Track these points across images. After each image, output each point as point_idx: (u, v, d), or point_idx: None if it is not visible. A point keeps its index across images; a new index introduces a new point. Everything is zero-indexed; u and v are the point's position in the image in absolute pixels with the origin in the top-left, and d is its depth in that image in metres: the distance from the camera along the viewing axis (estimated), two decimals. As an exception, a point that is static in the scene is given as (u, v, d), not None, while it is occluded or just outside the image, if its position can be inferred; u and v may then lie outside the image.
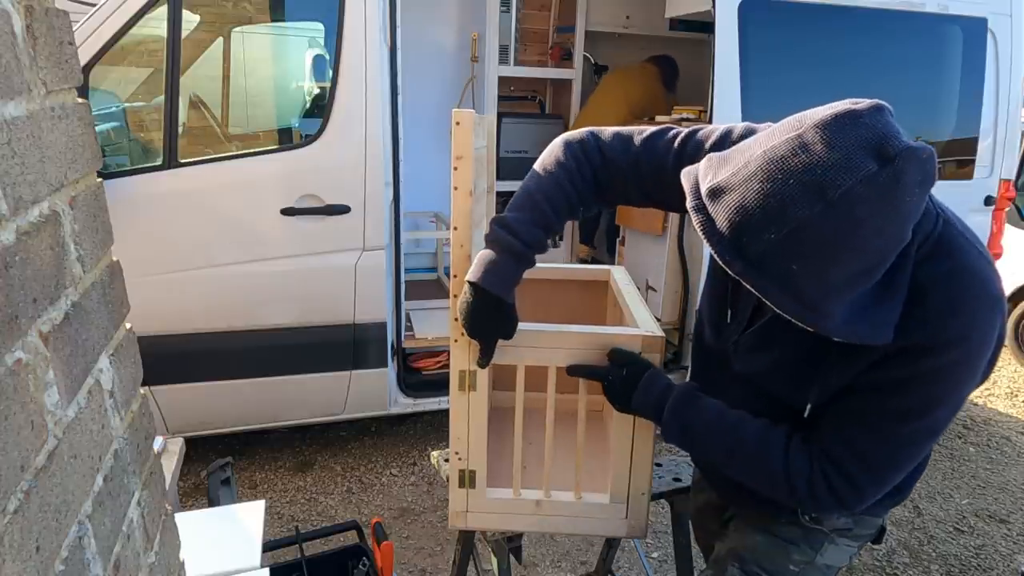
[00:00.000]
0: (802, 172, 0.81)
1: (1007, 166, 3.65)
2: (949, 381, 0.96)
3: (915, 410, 0.97)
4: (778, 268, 0.84)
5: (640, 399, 1.16)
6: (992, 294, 0.96)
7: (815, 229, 0.80)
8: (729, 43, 3.04)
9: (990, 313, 0.95)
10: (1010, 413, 4.09)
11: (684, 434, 1.14)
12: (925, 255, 0.95)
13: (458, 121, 1.14)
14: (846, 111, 0.84)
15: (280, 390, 2.88)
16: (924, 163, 0.82)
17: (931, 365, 0.94)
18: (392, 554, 1.77)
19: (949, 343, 0.94)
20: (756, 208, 0.83)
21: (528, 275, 1.78)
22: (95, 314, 0.64)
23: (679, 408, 1.14)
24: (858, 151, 0.80)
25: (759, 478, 1.10)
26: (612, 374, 1.19)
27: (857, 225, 0.80)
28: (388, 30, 2.77)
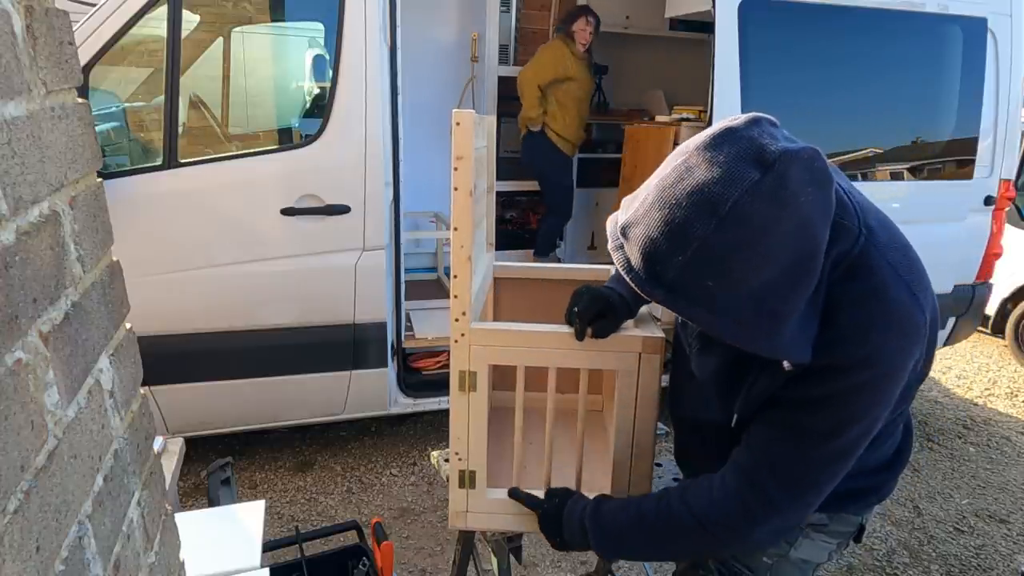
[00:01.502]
0: (691, 193, 0.83)
1: (1007, 166, 3.65)
2: (860, 403, 0.96)
3: (828, 430, 0.97)
4: (696, 289, 0.86)
5: (567, 523, 1.20)
6: (901, 318, 0.94)
7: (717, 244, 0.82)
8: (729, 43, 3.04)
9: (898, 339, 0.94)
10: (1010, 413, 4.09)
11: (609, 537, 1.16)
12: (841, 275, 0.95)
13: (458, 122, 1.14)
14: (722, 128, 0.87)
15: (280, 390, 2.88)
16: (807, 163, 0.84)
17: (842, 386, 0.95)
18: (392, 554, 1.77)
19: (855, 366, 0.94)
20: (660, 236, 0.86)
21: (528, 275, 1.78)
22: (95, 314, 0.64)
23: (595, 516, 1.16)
24: (738, 163, 0.83)
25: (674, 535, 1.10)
26: (545, 505, 1.24)
27: (757, 232, 0.82)
28: (388, 30, 2.77)
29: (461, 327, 1.23)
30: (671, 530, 1.09)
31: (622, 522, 1.14)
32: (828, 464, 1.00)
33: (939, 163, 3.56)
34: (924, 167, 3.55)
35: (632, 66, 5.15)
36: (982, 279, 3.76)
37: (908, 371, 0.97)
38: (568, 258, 4.87)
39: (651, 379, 1.25)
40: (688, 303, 0.88)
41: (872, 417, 0.98)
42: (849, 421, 0.97)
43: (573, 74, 4.06)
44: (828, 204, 0.88)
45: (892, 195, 3.53)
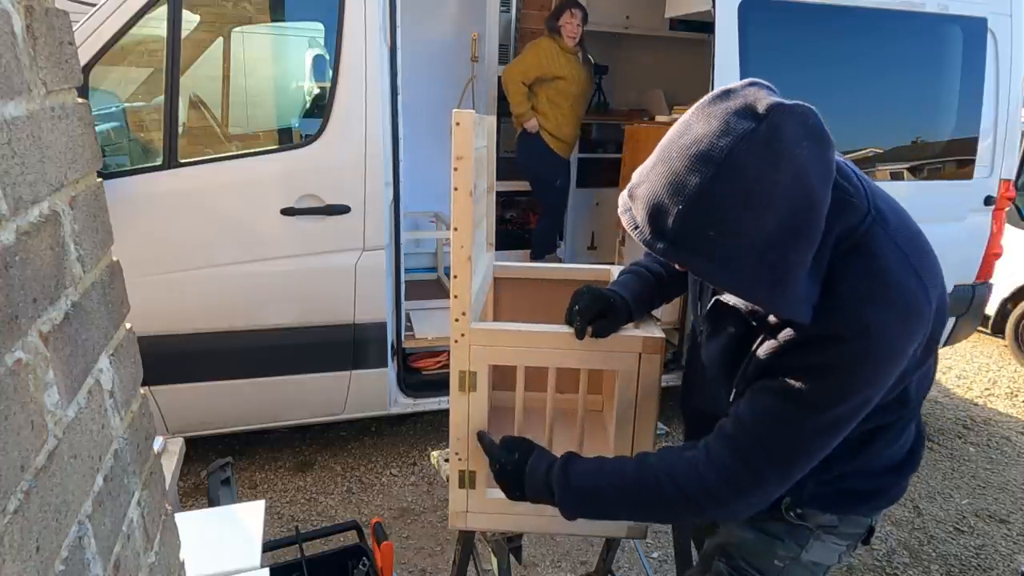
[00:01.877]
0: (689, 146, 0.87)
1: (1007, 166, 3.64)
2: (856, 377, 0.95)
3: (821, 402, 0.97)
4: (697, 239, 0.88)
5: (530, 478, 1.17)
6: (903, 300, 0.94)
7: (715, 193, 0.85)
8: (729, 43, 3.04)
9: (899, 320, 0.94)
10: (1010, 413, 4.09)
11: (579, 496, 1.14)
12: (845, 250, 0.96)
13: (458, 122, 1.14)
14: (720, 89, 0.92)
15: (280, 390, 2.88)
16: (801, 117, 0.87)
17: (839, 357, 0.94)
18: (392, 554, 1.77)
19: (853, 338, 0.93)
20: (661, 190, 0.89)
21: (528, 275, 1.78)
22: (95, 314, 0.64)
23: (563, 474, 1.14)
24: (733, 116, 0.86)
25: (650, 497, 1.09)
26: (504, 459, 1.20)
27: (753, 181, 0.85)
28: (388, 30, 2.77)
29: (461, 327, 1.23)
30: (650, 497, 1.08)
31: (595, 485, 1.12)
32: (817, 438, 1.00)
33: (939, 163, 3.56)
34: (924, 167, 3.55)
35: (632, 66, 5.15)
36: (982, 279, 3.76)
37: (907, 355, 0.96)
38: (568, 258, 4.87)
39: (651, 379, 1.25)
40: (690, 254, 0.90)
41: (865, 396, 0.97)
42: (842, 396, 0.96)
43: (561, 72, 4.00)
44: (826, 163, 0.89)
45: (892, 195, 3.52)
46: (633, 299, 1.31)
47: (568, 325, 1.26)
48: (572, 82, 4.04)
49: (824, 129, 0.89)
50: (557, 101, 4.08)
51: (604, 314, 1.25)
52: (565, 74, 4.01)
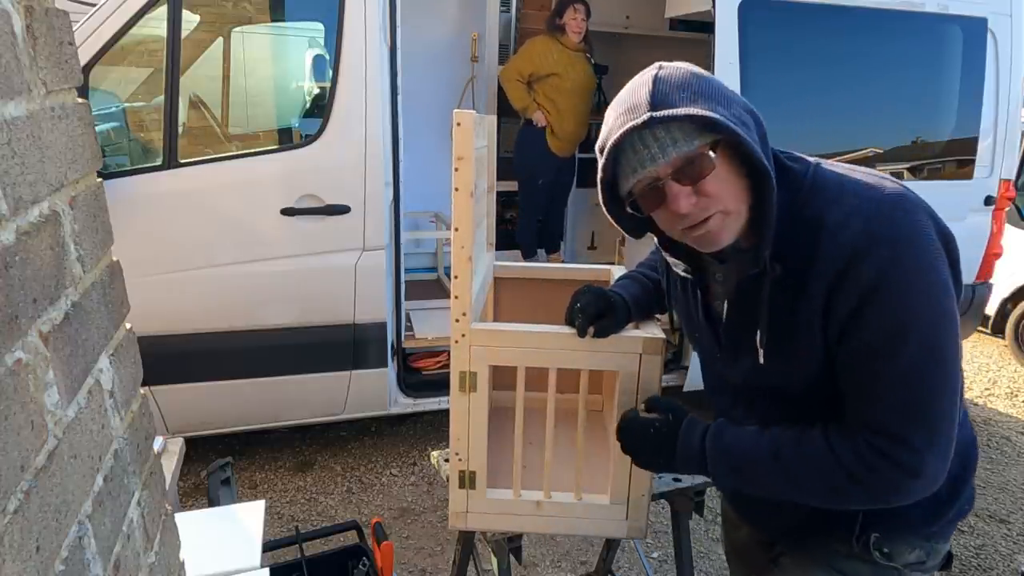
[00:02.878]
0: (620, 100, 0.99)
1: (1007, 166, 3.65)
2: (902, 286, 0.91)
3: (895, 333, 0.92)
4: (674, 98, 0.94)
5: (683, 445, 1.10)
6: (881, 192, 0.95)
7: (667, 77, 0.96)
8: (729, 43, 3.04)
9: (892, 209, 0.93)
10: (1010, 413, 4.09)
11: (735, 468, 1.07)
12: (805, 198, 0.98)
13: (459, 122, 1.14)
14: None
15: (280, 390, 2.88)
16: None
17: (869, 279, 0.91)
18: (392, 554, 1.77)
19: (866, 248, 0.91)
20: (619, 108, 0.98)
21: (528, 275, 1.78)
22: (95, 314, 0.64)
23: (716, 439, 1.08)
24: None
25: (815, 485, 1.01)
26: (657, 420, 1.13)
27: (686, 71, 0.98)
28: (388, 30, 2.77)
29: (461, 328, 1.23)
30: (813, 475, 1.00)
31: (750, 450, 1.05)
32: (924, 374, 0.93)
33: (939, 163, 3.56)
34: (924, 167, 3.55)
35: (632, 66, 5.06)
36: (982, 279, 3.76)
37: (935, 243, 0.93)
38: (568, 258, 4.87)
39: (651, 379, 1.25)
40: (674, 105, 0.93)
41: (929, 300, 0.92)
42: (907, 310, 0.91)
43: (556, 68, 3.98)
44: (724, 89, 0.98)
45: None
46: (633, 302, 1.30)
47: (569, 324, 1.26)
48: (568, 79, 4.03)
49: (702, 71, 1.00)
50: (553, 98, 4.07)
51: (604, 314, 1.24)
52: (560, 71, 4.00)
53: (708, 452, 1.08)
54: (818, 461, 0.99)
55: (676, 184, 0.94)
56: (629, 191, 1.00)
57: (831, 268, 0.94)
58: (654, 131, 0.93)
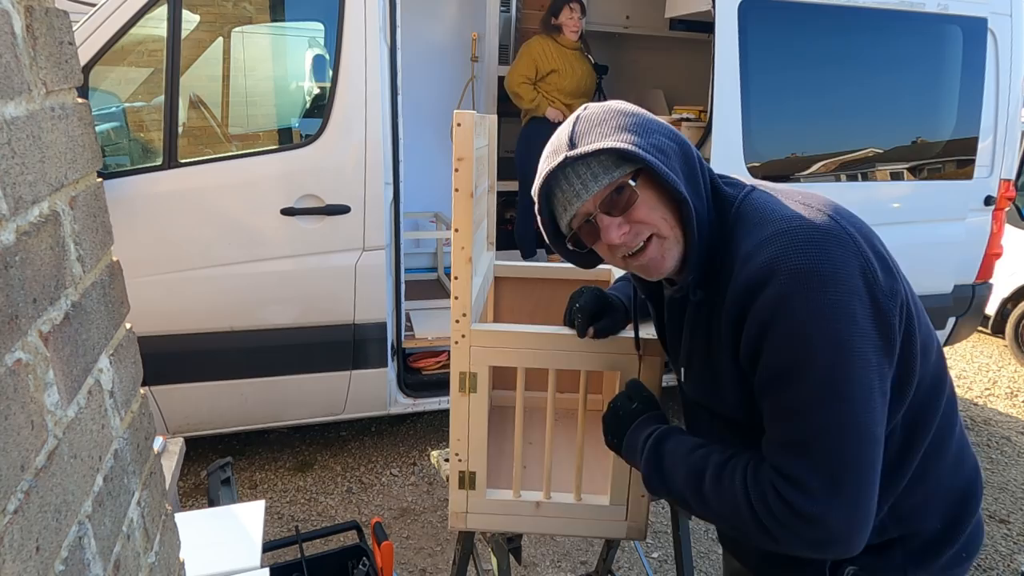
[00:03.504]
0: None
1: (1007, 166, 3.65)
2: (798, 320, 0.87)
3: (789, 367, 0.89)
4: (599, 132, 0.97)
5: (631, 436, 1.13)
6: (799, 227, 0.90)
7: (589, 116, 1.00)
8: (729, 43, 3.04)
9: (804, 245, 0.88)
10: (1010, 413, 4.09)
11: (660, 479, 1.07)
12: (732, 224, 0.99)
13: (459, 123, 1.14)
14: None
15: (280, 390, 2.88)
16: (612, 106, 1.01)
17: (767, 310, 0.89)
18: (392, 554, 1.77)
19: (766, 279, 0.89)
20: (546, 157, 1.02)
21: (528, 275, 1.78)
22: (95, 314, 0.64)
23: (657, 444, 1.08)
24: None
25: (729, 521, 0.99)
26: (619, 402, 1.17)
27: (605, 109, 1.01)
28: (388, 30, 2.77)
29: (462, 328, 1.23)
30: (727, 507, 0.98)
31: (678, 469, 1.04)
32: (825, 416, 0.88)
33: (939, 163, 3.56)
34: (924, 167, 3.55)
35: (632, 66, 5.14)
36: (982, 279, 3.76)
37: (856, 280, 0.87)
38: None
39: (651, 380, 1.25)
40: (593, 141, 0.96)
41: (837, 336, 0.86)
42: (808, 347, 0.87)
43: (556, 65, 3.99)
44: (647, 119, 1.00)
45: (892, 195, 3.53)
46: (631, 303, 1.30)
47: (568, 325, 1.26)
48: (566, 76, 4.02)
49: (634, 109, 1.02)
50: (552, 96, 4.07)
51: (603, 314, 1.24)
52: (558, 67, 4.00)
53: (644, 453, 1.08)
54: (731, 497, 0.96)
55: (606, 216, 0.97)
56: (568, 227, 1.03)
57: (738, 298, 0.94)
58: (575, 168, 0.97)
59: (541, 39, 4.02)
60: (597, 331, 1.22)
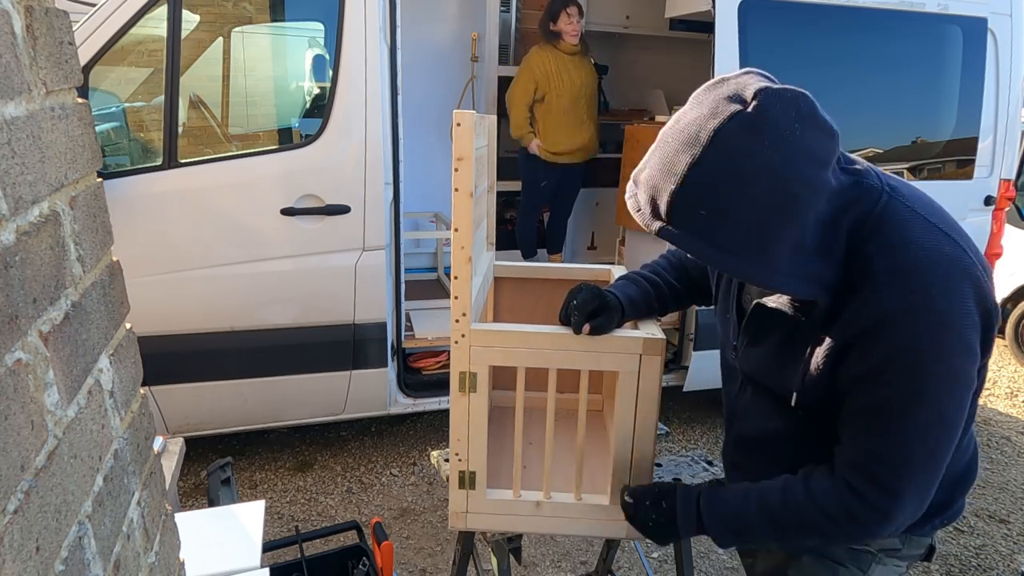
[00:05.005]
0: (680, 131, 0.92)
1: (1007, 166, 3.65)
2: (928, 354, 0.91)
3: (910, 394, 0.93)
4: (689, 219, 0.91)
5: (684, 525, 1.15)
6: (939, 260, 0.92)
7: (703, 171, 0.89)
8: (729, 43, 3.04)
9: (943, 281, 0.91)
10: (1010, 413, 4.09)
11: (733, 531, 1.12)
12: (867, 233, 0.95)
13: (459, 122, 1.14)
14: (715, 79, 0.96)
15: (280, 390, 2.88)
16: (791, 100, 0.89)
17: (899, 340, 0.92)
18: (392, 554, 1.77)
19: (904, 313, 0.91)
20: (657, 173, 0.94)
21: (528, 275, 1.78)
22: (95, 314, 0.64)
23: (712, 512, 1.13)
24: (722, 101, 0.90)
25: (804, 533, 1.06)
26: (655, 516, 1.18)
27: (737, 158, 0.87)
28: (388, 30, 2.77)
29: (461, 328, 1.23)
30: (803, 527, 1.05)
31: (744, 516, 1.10)
32: (931, 433, 0.95)
33: (939, 163, 3.56)
34: (924, 167, 3.55)
35: (632, 66, 5.14)
36: (982, 279, 3.76)
37: (972, 313, 0.92)
38: (568, 258, 4.87)
39: (652, 380, 1.25)
40: (685, 234, 0.93)
41: (953, 370, 0.93)
42: (926, 380, 0.92)
43: (554, 82, 3.95)
44: (820, 146, 0.90)
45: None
46: (628, 302, 1.32)
47: (563, 322, 1.26)
48: (565, 87, 3.96)
49: (818, 114, 0.90)
50: (552, 111, 4.04)
51: (599, 312, 1.25)
52: (556, 83, 3.95)
53: (707, 525, 1.13)
54: (802, 512, 1.04)
55: None
56: None
57: (859, 321, 0.94)
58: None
59: (540, 51, 3.98)
60: (593, 328, 1.22)
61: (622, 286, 1.37)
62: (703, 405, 3.89)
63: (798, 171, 0.88)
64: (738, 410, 1.24)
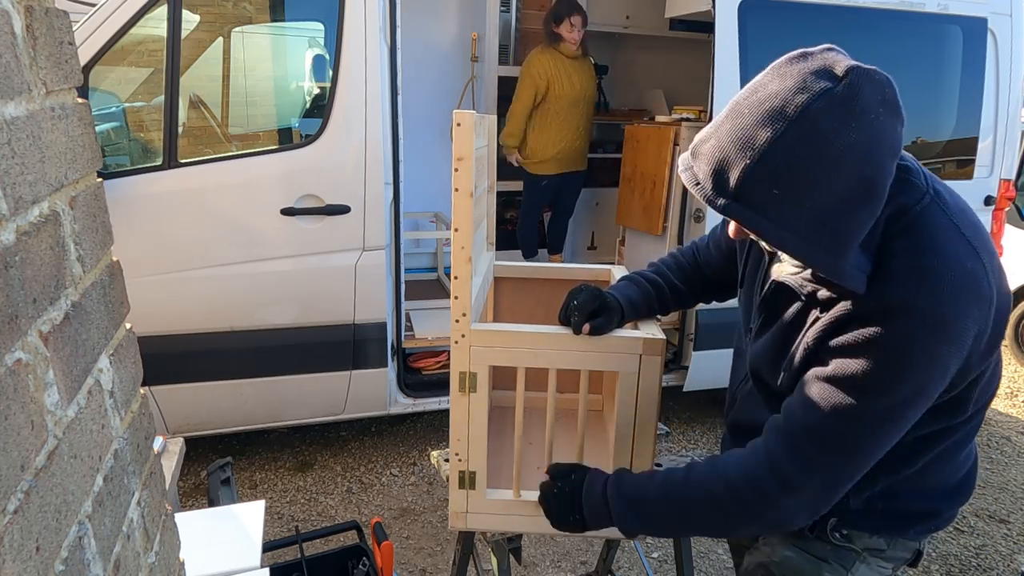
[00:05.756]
0: (762, 102, 0.87)
1: (1007, 166, 3.65)
2: (911, 357, 0.89)
3: (874, 384, 0.91)
4: (760, 196, 0.87)
5: (587, 498, 1.14)
6: (960, 275, 0.89)
7: (785, 148, 0.84)
8: (729, 43, 3.04)
9: (956, 294, 0.88)
10: (1010, 413, 4.09)
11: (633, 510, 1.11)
12: (900, 229, 0.93)
13: (459, 122, 1.14)
14: (797, 52, 0.91)
15: (280, 390, 2.88)
16: (880, 84, 0.86)
17: (884, 334, 0.90)
18: (392, 554, 1.77)
19: (900, 312, 0.89)
20: (729, 145, 0.88)
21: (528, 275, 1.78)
22: (95, 314, 0.64)
23: (617, 491, 1.11)
24: (811, 76, 0.85)
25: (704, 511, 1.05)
26: (558, 485, 1.18)
27: (824, 138, 0.83)
28: (388, 30, 2.77)
29: (461, 328, 1.23)
30: (700, 498, 1.04)
31: (648, 491, 1.09)
32: (870, 430, 0.93)
33: (939, 163, 3.56)
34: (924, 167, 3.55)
35: (632, 66, 5.15)
36: (982, 279, 3.76)
37: (965, 340, 0.90)
38: (568, 258, 4.87)
39: (651, 380, 1.25)
40: (751, 212, 0.88)
41: (919, 384, 0.90)
42: (898, 377, 0.90)
43: (553, 88, 3.96)
44: (896, 136, 0.88)
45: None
46: (628, 303, 1.32)
47: (563, 323, 1.26)
48: (564, 91, 3.96)
49: (899, 102, 0.87)
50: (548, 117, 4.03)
51: (599, 312, 1.25)
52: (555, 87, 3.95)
53: (610, 501, 1.12)
54: (705, 484, 1.03)
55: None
56: None
57: (861, 304, 0.92)
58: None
59: (540, 54, 3.97)
60: (593, 328, 1.22)
61: (623, 287, 1.37)
62: (703, 405, 3.89)
63: (880, 158, 0.86)
64: (737, 398, 1.26)
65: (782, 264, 1.11)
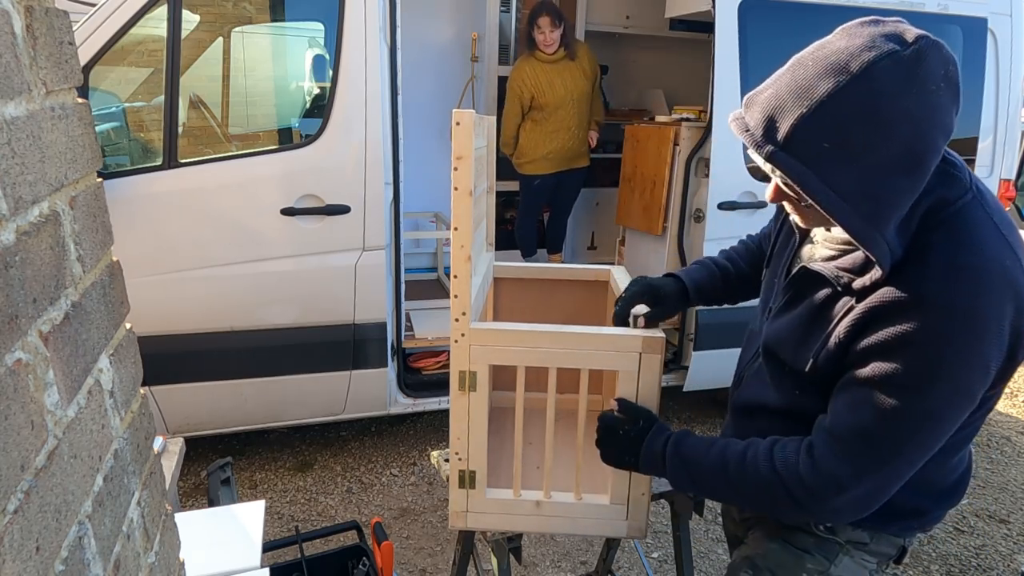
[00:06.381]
0: (827, 56, 0.87)
1: (1007, 166, 3.65)
2: (948, 355, 0.89)
3: (914, 383, 0.91)
4: (809, 147, 0.86)
5: (647, 451, 1.18)
6: (997, 273, 0.89)
7: (843, 102, 0.84)
8: (729, 43, 3.04)
9: (990, 295, 0.88)
10: (1010, 413, 4.09)
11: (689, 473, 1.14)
12: (943, 219, 0.92)
13: (458, 122, 1.14)
14: (869, 17, 0.90)
15: (280, 390, 2.88)
16: (946, 59, 0.85)
17: (920, 330, 0.89)
18: (392, 554, 1.77)
19: (938, 306, 0.88)
20: (786, 94, 0.88)
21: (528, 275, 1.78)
22: (95, 314, 0.64)
23: (676, 447, 1.15)
24: (879, 38, 0.85)
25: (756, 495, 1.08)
26: (621, 424, 1.21)
27: (882, 98, 0.83)
28: (388, 30, 2.77)
29: (461, 327, 1.23)
30: (751, 481, 1.06)
31: (704, 461, 1.12)
32: (917, 426, 0.93)
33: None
34: (924, 167, 3.55)
35: (632, 66, 5.15)
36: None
37: (1005, 335, 0.89)
38: (568, 258, 4.87)
39: (651, 379, 1.25)
40: (796, 162, 0.87)
41: (962, 380, 0.90)
42: (936, 376, 0.90)
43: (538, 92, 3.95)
44: (950, 116, 0.87)
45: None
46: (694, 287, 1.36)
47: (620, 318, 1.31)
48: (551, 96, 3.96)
49: (959, 84, 0.87)
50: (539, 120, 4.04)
51: (653, 303, 1.30)
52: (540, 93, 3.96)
53: (667, 459, 1.15)
54: (758, 467, 1.05)
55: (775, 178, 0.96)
56: None
57: (897, 298, 0.91)
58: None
59: (521, 64, 3.98)
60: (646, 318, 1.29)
61: (693, 271, 1.41)
62: (703, 405, 3.89)
63: (932, 133, 0.85)
64: (744, 376, 1.26)
65: (814, 246, 1.10)
